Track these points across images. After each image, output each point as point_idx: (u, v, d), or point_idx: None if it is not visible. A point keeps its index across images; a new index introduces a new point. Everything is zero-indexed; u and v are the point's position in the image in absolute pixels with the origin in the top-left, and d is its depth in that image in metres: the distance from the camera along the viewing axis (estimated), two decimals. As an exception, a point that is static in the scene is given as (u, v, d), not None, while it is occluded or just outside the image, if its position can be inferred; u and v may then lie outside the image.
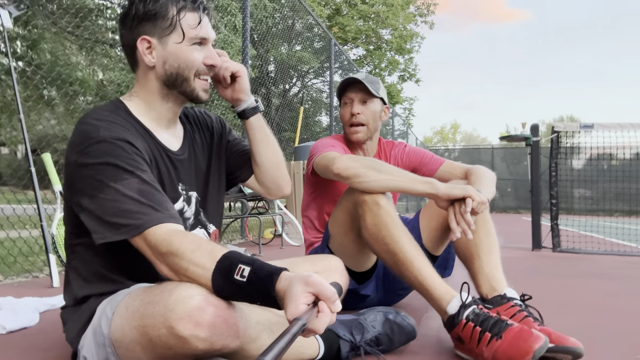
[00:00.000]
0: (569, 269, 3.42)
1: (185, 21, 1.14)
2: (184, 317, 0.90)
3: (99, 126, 1.06)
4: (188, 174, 1.25)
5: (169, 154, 1.20)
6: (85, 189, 1.03)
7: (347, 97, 1.94)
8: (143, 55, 1.15)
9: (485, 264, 1.56)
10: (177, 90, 1.18)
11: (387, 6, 18.05)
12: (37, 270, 2.83)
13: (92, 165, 1.02)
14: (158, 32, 1.14)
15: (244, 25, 5.10)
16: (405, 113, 21.67)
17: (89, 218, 1.03)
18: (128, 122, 1.13)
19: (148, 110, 1.19)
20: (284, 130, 10.79)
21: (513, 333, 1.20)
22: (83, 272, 1.15)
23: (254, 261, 0.95)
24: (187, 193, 1.24)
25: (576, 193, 8.27)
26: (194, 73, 1.17)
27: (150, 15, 1.13)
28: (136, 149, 1.07)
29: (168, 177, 1.19)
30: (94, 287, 1.13)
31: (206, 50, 1.18)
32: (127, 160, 1.03)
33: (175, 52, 1.15)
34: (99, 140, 1.03)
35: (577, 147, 5.06)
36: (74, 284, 1.16)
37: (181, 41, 1.14)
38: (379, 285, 1.88)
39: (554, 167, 4.43)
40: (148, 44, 1.15)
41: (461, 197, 1.46)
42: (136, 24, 1.15)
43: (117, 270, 1.13)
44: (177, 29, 1.14)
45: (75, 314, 1.16)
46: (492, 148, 19.51)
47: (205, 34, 1.17)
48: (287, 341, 0.77)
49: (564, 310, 2.03)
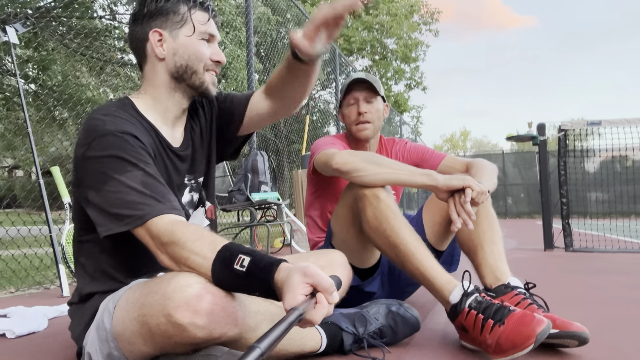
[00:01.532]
0: (582, 266, 3.37)
1: (196, 17, 1.20)
2: (182, 305, 0.91)
3: (105, 120, 1.08)
4: (192, 164, 1.28)
5: (172, 149, 1.22)
6: (91, 182, 1.05)
7: (351, 97, 1.94)
8: (154, 46, 1.19)
9: (488, 255, 1.55)
10: (186, 83, 1.21)
11: (391, 16, 18.17)
12: (48, 282, 2.87)
13: (98, 158, 1.05)
14: (170, 25, 1.19)
15: (247, 37, 5.16)
16: (413, 121, 21.67)
17: (94, 211, 1.05)
18: (134, 117, 1.16)
19: (155, 105, 1.21)
20: (293, 142, 10.83)
21: (515, 318, 1.18)
22: (89, 268, 1.16)
23: (254, 252, 0.96)
24: (194, 181, 1.28)
25: (590, 196, 8.18)
26: (203, 66, 1.20)
27: (163, 11, 1.19)
28: (141, 142, 1.09)
29: (174, 170, 1.22)
30: (98, 285, 1.15)
31: (213, 47, 1.23)
32: (131, 153, 1.06)
33: (186, 44, 1.19)
34: (105, 134, 1.06)
35: (591, 150, 5.03)
36: (80, 281, 1.18)
37: (192, 34, 1.19)
38: (384, 282, 1.87)
39: (563, 166, 4.39)
40: (160, 36, 1.19)
41: (460, 187, 1.46)
42: (147, 19, 1.19)
43: (123, 268, 1.15)
44: (188, 22, 1.19)
45: (79, 312, 1.17)
46: (503, 154, 19.38)
47: (214, 32, 1.22)
48: (282, 330, 0.77)
49: (574, 302, 2.00)
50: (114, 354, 1.04)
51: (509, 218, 17.47)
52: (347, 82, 1.98)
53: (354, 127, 1.94)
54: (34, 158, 2.65)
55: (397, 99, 19.52)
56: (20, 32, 2.55)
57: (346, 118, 1.96)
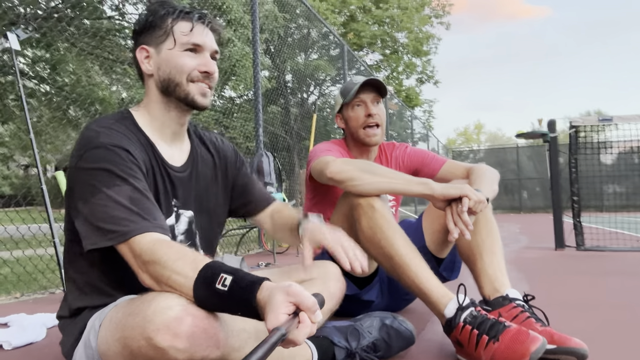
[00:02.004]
0: (592, 267, 3.31)
1: (178, 28, 1.18)
2: (161, 328, 0.89)
3: (100, 132, 1.08)
4: (185, 191, 1.25)
5: (167, 169, 1.20)
6: (80, 193, 1.05)
7: (358, 99, 1.87)
8: (141, 63, 1.20)
9: (487, 265, 1.52)
10: (174, 97, 1.19)
11: (402, 9, 17.99)
12: (53, 286, 2.89)
13: (88, 170, 1.05)
14: (154, 40, 1.19)
15: (253, 36, 5.15)
16: (425, 116, 21.49)
17: (81, 223, 1.05)
18: (131, 131, 1.15)
19: (152, 121, 1.21)
20: (304, 139, 10.82)
21: (510, 335, 1.15)
22: (79, 282, 1.16)
23: (237, 271, 0.94)
24: (178, 210, 1.24)
25: (606, 189, 8.02)
26: (185, 78, 1.18)
27: (149, 26, 1.19)
28: (133, 157, 1.08)
29: (163, 191, 1.19)
30: (88, 299, 1.14)
31: (201, 57, 1.20)
32: (121, 167, 1.05)
33: (167, 58, 1.18)
34: (97, 146, 1.06)
35: (608, 142, 4.92)
36: (69, 295, 1.18)
37: (173, 47, 1.18)
38: (383, 290, 1.84)
39: (574, 163, 4.31)
40: (146, 53, 1.20)
41: (457, 196, 1.43)
42: (137, 36, 1.21)
43: (112, 282, 1.14)
44: (170, 36, 1.18)
45: (69, 327, 1.17)
46: (518, 147, 19.09)
47: (200, 41, 1.19)
48: (265, 351, 0.76)
49: (580, 309, 1.95)
50: (100, 372, 1.03)
51: (524, 212, 17.26)
52: (353, 85, 1.88)
53: (361, 131, 1.87)
54: (36, 162, 2.66)
55: (409, 94, 19.36)
56: (21, 38, 2.56)
57: (351, 121, 1.88)
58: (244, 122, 8.29)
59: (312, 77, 12.43)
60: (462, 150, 25.48)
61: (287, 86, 11.85)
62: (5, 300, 2.57)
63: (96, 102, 8.06)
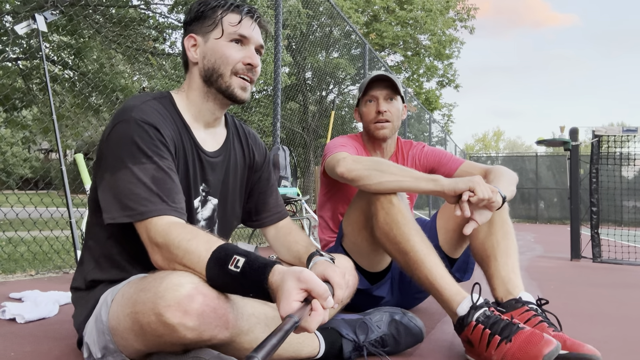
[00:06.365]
0: (607, 279, 3.24)
1: (227, 19, 1.20)
2: (172, 305, 0.90)
3: (134, 107, 1.10)
4: (215, 177, 1.26)
5: (200, 152, 1.21)
6: (108, 163, 1.07)
7: (370, 95, 1.89)
8: (188, 51, 1.22)
9: (501, 267, 1.49)
10: (214, 87, 1.21)
11: (426, 11, 17.82)
12: (68, 266, 2.93)
13: (117, 142, 1.07)
14: (202, 29, 1.21)
15: (276, 31, 5.15)
16: (444, 119, 21.31)
17: (104, 193, 1.07)
18: (167, 110, 1.17)
19: (189, 106, 1.23)
20: (320, 137, 10.82)
21: (523, 337, 1.13)
22: (96, 253, 1.17)
23: (249, 253, 0.95)
24: (206, 196, 1.25)
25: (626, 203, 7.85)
26: (230, 69, 1.19)
27: (199, 17, 1.22)
28: (162, 135, 1.10)
29: (193, 173, 1.20)
30: (103, 272, 1.15)
31: (246, 50, 1.21)
32: (149, 144, 1.07)
33: (214, 47, 1.20)
34: (129, 120, 1.08)
35: (628, 154, 4.83)
36: (86, 265, 1.19)
37: (220, 37, 1.20)
38: (394, 288, 1.83)
39: (595, 173, 4.23)
40: (194, 41, 1.22)
41: (467, 190, 1.41)
42: (187, 25, 1.24)
43: (128, 257, 1.15)
44: (218, 26, 1.20)
45: (83, 300, 1.18)
46: (537, 156, 18.81)
47: (247, 33, 1.20)
48: (279, 338, 0.77)
49: (594, 319, 1.91)
50: (109, 347, 1.05)
51: (540, 223, 17.04)
52: (366, 80, 1.92)
53: (371, 125, 1.89)
54: (57, 143, 2.70)
55: (428, 97, 19.21)
56: (49, 20, 2.60)
57: (364, 116, 1.91)
58: (261, 117, 8.32)
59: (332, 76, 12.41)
60: (480, 156, 25.23)
61: (306, 83, 11.86)
62: (21, 277, 2.62)
63: (118, 90, 8.15)
